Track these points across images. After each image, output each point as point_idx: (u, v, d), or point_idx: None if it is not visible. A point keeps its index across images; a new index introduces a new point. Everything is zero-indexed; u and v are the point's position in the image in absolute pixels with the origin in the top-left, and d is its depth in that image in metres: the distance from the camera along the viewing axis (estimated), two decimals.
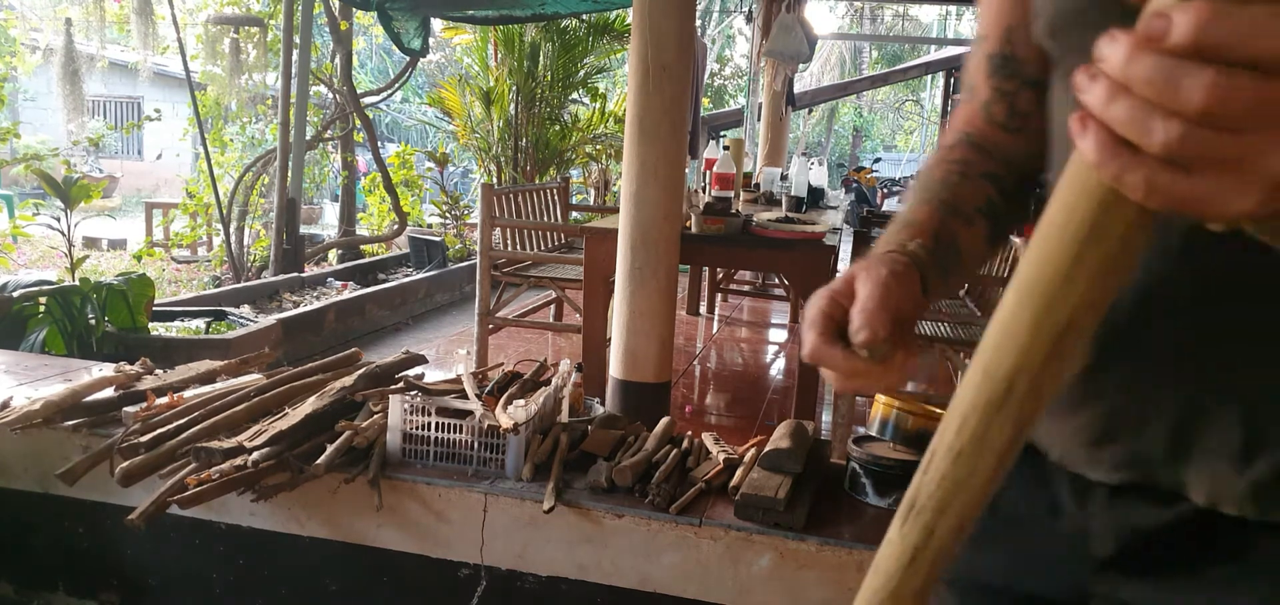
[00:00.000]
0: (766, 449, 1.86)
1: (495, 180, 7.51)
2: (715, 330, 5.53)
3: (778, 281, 6.11)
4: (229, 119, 7.13)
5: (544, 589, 1.80)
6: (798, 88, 8.26)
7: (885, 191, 12.93)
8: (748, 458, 1.92)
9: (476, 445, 1.88)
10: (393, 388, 1.98)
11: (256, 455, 1.75)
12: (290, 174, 5.74)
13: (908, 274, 0.63)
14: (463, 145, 8.66)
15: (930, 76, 16.43)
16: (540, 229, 4.50)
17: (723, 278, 5.99)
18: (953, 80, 10.96)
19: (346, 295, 5.32)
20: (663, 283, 2.99)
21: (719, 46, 17.51)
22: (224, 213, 6.16)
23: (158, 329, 3.96)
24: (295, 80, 5.82)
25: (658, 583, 1.75)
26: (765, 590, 1.70)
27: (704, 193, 4.16)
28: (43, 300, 3.41)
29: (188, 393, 2.08)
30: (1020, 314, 0.44)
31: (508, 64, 7.46)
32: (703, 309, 5.77)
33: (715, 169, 3.84)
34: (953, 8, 15.54)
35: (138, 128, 9.03)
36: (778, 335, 5.66)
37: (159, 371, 2.24)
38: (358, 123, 6.59)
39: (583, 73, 7.83)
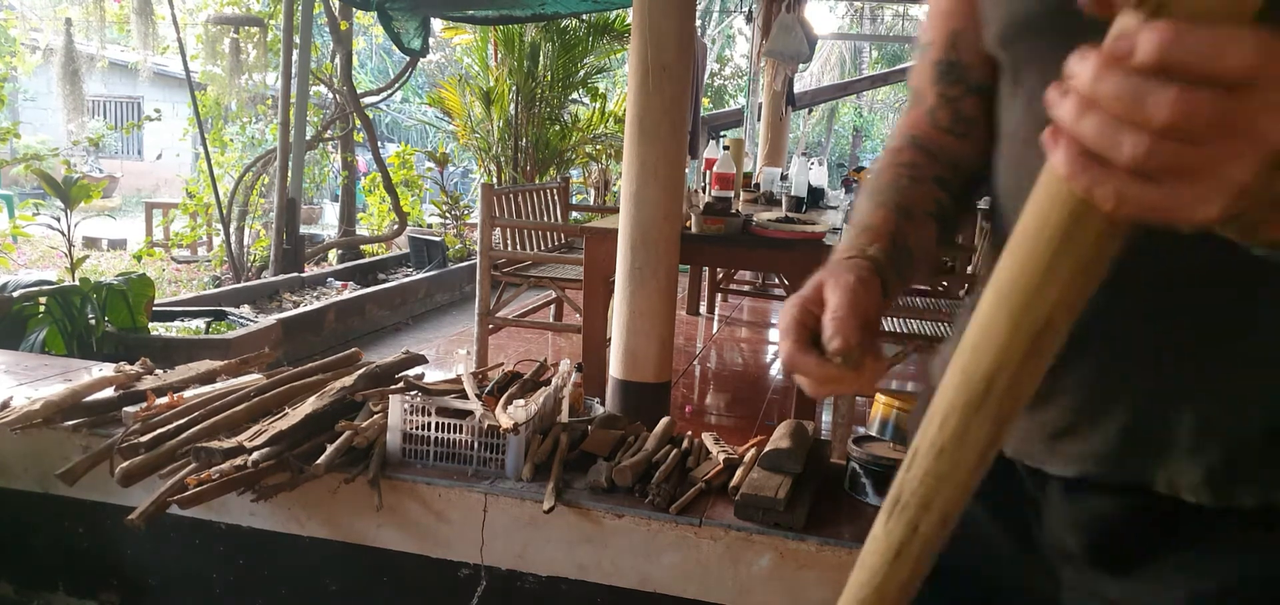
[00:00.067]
0: (766, 449, 1.86)
1: (495, 180, 7.51)
2: (715, 330, 5.53)
3: (778, 281, 6.11)
4: (229, 119, 7.13)
5: (544, 589, 1.80)
6: (798, 88, 8.25)
7: None
8: (748, 458, 1.92)
9: (476, 445, 1.88)
10: (393, 388, 1.98)
11: (256, 455, 1.75)
12: (290, 174, 5.75)
13: (872, 279, 0.66)
14: (463, 145, 8.66)
15: None
16: (540, 229, 4.50)
17: (723, 278, 5.99)
18: None
19: (346, 295, 5.32)
20: (663, 283, 2.99)
21: (719, 46, 17.51)
22: (224, 213, 6.16)
23: (158, 329, 3.96)
24: (295, 80, 5.82)
25: (658, 583, 1.75)
26: (765, 590, 1.70)
27: (704, 193, 4.16)
28: (43, 300, 3.41)
29: (188, 393, 2.08)
30: (998, 316, 0.46)
31: (508, 64, 7.46)
32: (703, 309, 5.77)
33: (715, 169, 3.84)
34: None
35: (138, 128, 9.03)
36: (778, 335, 5.65)
37: (159, 371, 2.24)
38: (358, 123, 6.60)
39: (583, 73, 7.83)
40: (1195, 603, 0.64)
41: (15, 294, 3.49)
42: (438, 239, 6.65)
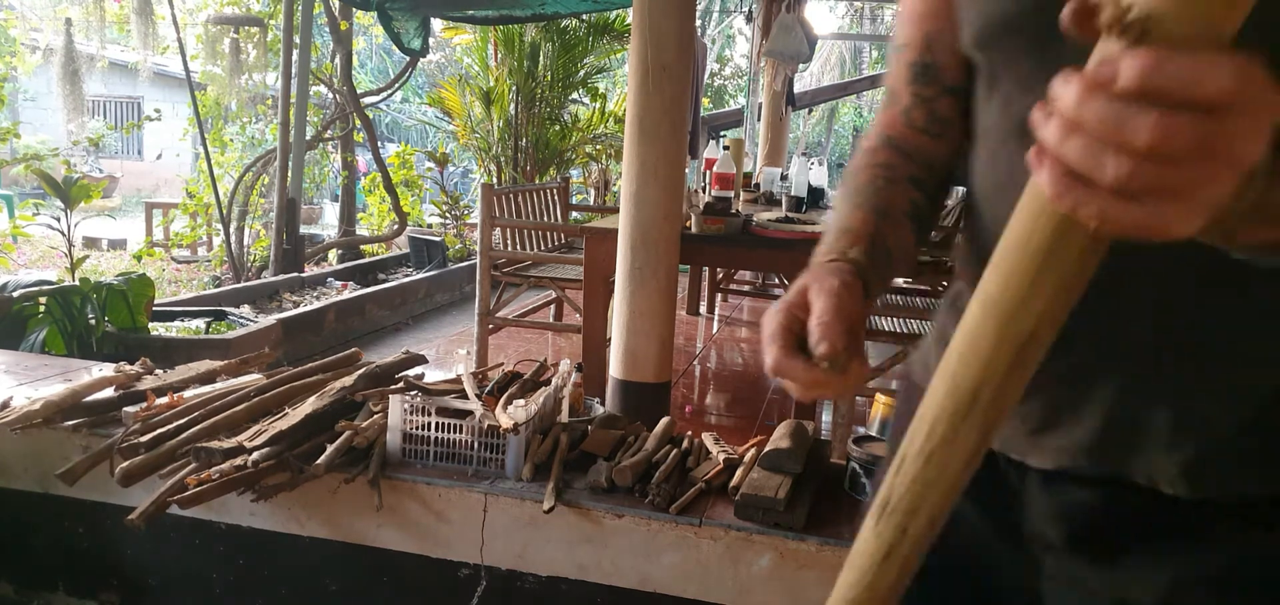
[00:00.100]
0: (766, 449, 1.86)
1: (495, 180, 7.51)
2: (715, 330, 5.53)
3: (778, 281, 6.11)
4: (229, 119, 7.13)
5: (544, 589, 1.80)
6: (798, 88, 8.24)
7: None
8: (748, 458, 1.92)
9: (476, 445, 1.88)
10: (393, 388, 1.99)
11: (256, 455, 1.75)
12: (290, 174, 5.75)
13: (854, 283, 0.66)
14: (463, 145, 8.66)
15: None
16: (540, 229, 4.50)
17: (723, 278, 5.99)
18: None
19: (346, 295, 5.32)
20: (663, 283, 2.99)
21: (719, 46, 17.50)
22: (224, 213, 6.16)
23: (158, 329, 3.96)
24: (295, 80, 5.82)
25: (658, 583, 1.75)
26: (765, 590, 1.70)
27: (704, 193, 4.16)
28: (43, 300, 3.41)
29: (188, 393, 2.08)
30: (984, 328, 0.48)
31: (508, 64, 7.47)
32: (703, 309, 5.77)
33: (715, 169, 3.83)
34: None
35: (138, 128, 9.02)
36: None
37: (159, 371, 2.24)
38: (358, 123, 6.59)
39: (583, 73, 7.83)
40: (1174, 591, 0.66)
41: (15, 294, 3.50)
42: (438, 239, 6.66)
